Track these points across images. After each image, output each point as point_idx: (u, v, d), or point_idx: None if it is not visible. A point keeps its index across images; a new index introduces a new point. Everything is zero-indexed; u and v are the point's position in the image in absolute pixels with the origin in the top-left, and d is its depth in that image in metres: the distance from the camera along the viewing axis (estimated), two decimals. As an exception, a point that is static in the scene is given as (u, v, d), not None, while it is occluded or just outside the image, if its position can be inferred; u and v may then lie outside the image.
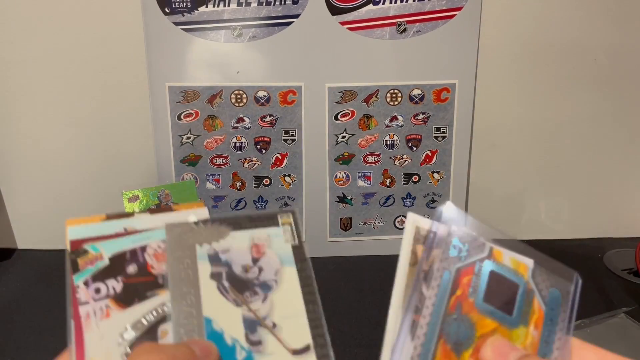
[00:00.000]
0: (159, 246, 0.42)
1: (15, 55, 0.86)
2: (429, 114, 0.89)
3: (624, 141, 0.96)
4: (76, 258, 0.40)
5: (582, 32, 0.88)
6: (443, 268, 0.39)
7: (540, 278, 0.41)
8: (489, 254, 0.41)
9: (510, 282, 0.40)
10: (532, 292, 0.40)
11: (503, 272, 0.40)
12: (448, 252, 0.40)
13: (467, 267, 0.40)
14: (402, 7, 0.84)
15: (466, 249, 0.40)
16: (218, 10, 0.82)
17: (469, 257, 0.40)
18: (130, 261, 0.41)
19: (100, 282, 0.39)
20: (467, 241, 0.41)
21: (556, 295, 0.41)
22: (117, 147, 0.92)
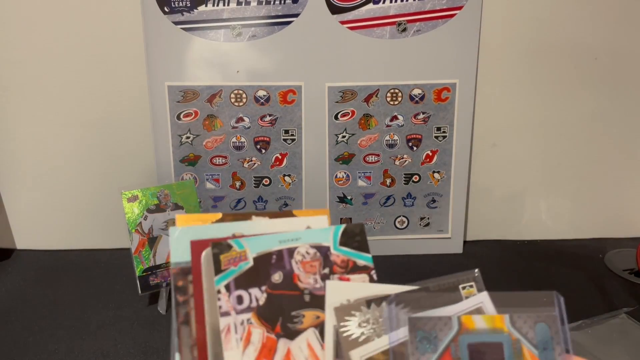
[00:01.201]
0: (307, 252, 0.38)
1: (14, 54, 0.85)
2: (430, 114, 0.89)
3: (625, 141, 0.95)
4: (219, 254, 0.36)
5: (583, 31, 0.88)
6: None
7: (521, 321, 0.38)
8: (459, 328, 0.37)
9: (492, 344, 0.37)
10: (518, 341, 0.38)
11: (481, 339, 0.37)
12: (418, 353, 0.36)
13: (443, 355, 0.37)
14: (402, 6, 0.83)
15: (434, 335, 0.37)
16: (217, 9, 0.82)
17: (441, 341, 0.37)
18: (275, 267, 0.36)
19: (243, 290, 0.35)
20: (432, 326, 0.37)
21: (543, 329, 0.38)
22: (116, 147, 0.91)
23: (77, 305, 0.80)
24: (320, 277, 0.36)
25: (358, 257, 0.38)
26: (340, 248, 0.37)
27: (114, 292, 0.84)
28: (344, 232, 0.38)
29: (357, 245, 0.38)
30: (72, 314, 0.78)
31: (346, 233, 0.38)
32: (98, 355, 0.69)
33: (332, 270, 0.36)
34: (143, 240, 0.78)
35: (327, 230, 0.37)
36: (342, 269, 0.37)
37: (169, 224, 0.79)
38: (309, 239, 0.37)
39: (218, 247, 0.36)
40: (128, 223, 0.77)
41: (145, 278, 0.77)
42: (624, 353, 0.67)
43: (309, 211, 0.43)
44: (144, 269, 0.77)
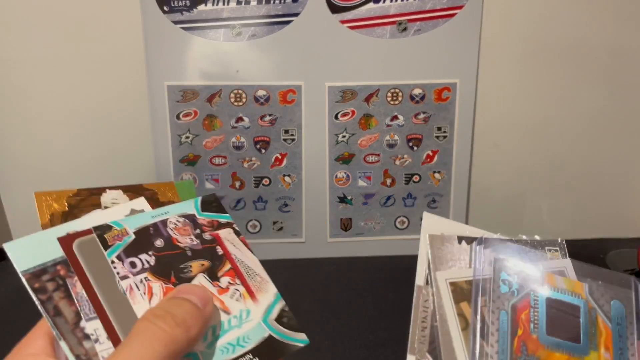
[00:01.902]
0: (177, 220, 0.43)
1: (13, 54, 0.85)
2: (430, 114, 0.89)
3: (627, 141, 0.95)
4: (102, 234, 0.41)
5: (585, 30, 0.87)
6: (498, 309, 0.37)
7: (598, 293, 0.39)
8: (542, 280, 0.39)
9: (570, 305, 0.38)
10: (594, 310, 0.38)
11: (560, 297, 0.38)
12: (499, 290, 0.37)
13: (523, 301, 0.37)
14: (402, 5, 0.83)
15: (516, 280, 0.38)
16: (217, 8, 0.82)
17: (521, 289, 0.38)
18: (155, 235, 0.42)
19: (134, 257, 0.40)
20: (516, 272, 0.39)
21: (619, 307, 0.39)
22: (115, 146, 0.91)
23: (76, 305, 0.80)
24: (194, 236, 0.43)
25: (220, 217, 0.45)
26: (204, 213, 0.44)
27: (113, 292, 0.83)
28: (202, 202, 0.45)
29: (216, 209, 0.45)
30: (71, 314, 0.78)
31: (204, 203, 0.45)
32: (97, 356, 0.69)
33: (202, 229, 0.43)
34: (142, 240, 0.78)
35: (189, 203, 0.45)
36: (210, 228, 0.44)
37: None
38: (175, 211, 0.44)
39: (100, 229, 0.41)
40: (127, 223, 0.77)
41: (144, 278, 0.77)
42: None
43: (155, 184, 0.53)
44: (143, 269, 0.77)
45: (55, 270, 0.40)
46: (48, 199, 0.49)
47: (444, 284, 0.39)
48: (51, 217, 0.48)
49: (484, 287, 0.38)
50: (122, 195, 0.51)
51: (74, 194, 0.49)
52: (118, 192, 0.51)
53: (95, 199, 0.50)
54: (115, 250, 0.40)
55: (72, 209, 0.49)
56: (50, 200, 0.49)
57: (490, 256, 0.39)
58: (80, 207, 0.49)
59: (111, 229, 0.42)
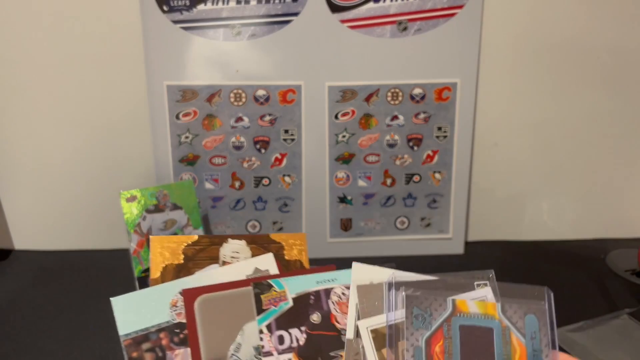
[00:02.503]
0: (343, 293, 0.39)
1: (12, 54, 0.85)
2: (430, 113, 0.89)
3: (627, 141, 0.95)
4: (260, 293, 0.37)
5: (585, 30, 0.87)
6: (412, 346, 0.37)
7: (511, 310, 0.39)
8: (453, 309, 0.39)
9: (483, 329, 0.39)
10: (508, 328, 0.39)
11: (473, 322, 0.39)
12: (412, 327, 0.38)
13: (436, 334, 0.38)
14: (403, 5, 0.83)
15: (429, 313, 0.38)
16: (217, 8, 0.82)
17: (434, 320, 0.38)
18: (314, 307, 0.38)
19: (284, 330, 0.36)
20: (428, 305, 0.39)
21: (533, 320, 0.39)
22: (115, 146, 0.91)
23: (76, 306, 0.80)
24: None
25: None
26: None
27: (113, 292, 0.83)
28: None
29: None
30: (71, 314, 0.78)
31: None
32: (97, 355, 0.69)
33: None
34: (142, 240, 0.77)
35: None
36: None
37: (168, 224, 0.79)
38: (344, 280, 0.39)
39: (259, 287, 0.37)
40: (127, 223, 0.77)
41: (144, 279, 0.77)
42: (626, 354, 0.66)
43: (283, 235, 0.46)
44: (142, 269, 0.77)
45: (158, 338, 0.37)
46: (165, 245, 0.45)
47: (366, 332, 0.39)
48: (163, 270, 0.45)
49: (397, 329, 0.38)
50: (245, 247, 0.47)
51: (193, 241, 0.46)
52: (241, 243, 0.47)
53: (214, 250, 0.46)
54: (268, 316, 0.36)
55: (187, 262, 0.45)
56: (166, 249, 0.45)
57: (402, 295, 0.39)
58: (196, 259, 0.46)
59: (270, 289, 0.38)
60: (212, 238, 0.47)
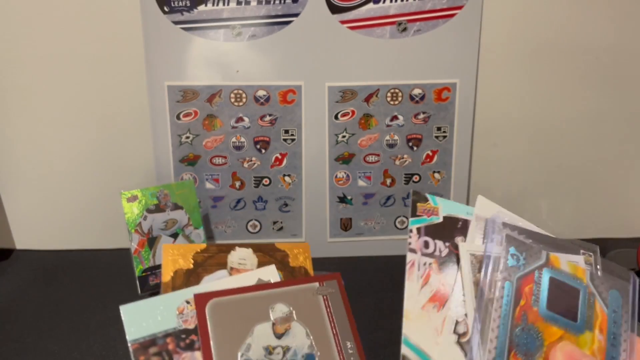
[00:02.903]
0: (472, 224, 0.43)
1: (13, 54, 0.85)
2: (430, 114, 0.89)
3: (626, 141, 0.95)
4: (416, 201, 0.43)
5: (584, 30, 0.87)
6: (504, 279, 0.39)
7: (599, 281, 0.41)
8: (546, 261, 0.41)
9: (571, 287, 0.40)
10: (593, 295, 0.40)
11: (562, 278, 0.40)
12: (507, 263, 0.40)
13: (527, 276, 0.40)
14: (402, 5, 0.83)
15: (523, 257, 0.41)
16: (217, 9, 0.82)
17: (527, 265, 0.40)
18: (459, 231, 0.42)
19: (431, 238, 0.41)
20: (524, 249, 0.41)
21: (616, 296, 0.41)
22: (116, 147, 0.91)
23: (77, 305, 0.80)
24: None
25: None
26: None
27: (114, 292, 0.84)
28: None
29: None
30: (72, 314, 0.78)
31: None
32: (98, 355, 0.69)
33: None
34: (142, 240, 0.78)
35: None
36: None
37: (169, 224, 0.79)
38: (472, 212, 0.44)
39: (417, 195, 0.43)
40: (127, 223, 0.77)
41: (144, 278, 0.77)
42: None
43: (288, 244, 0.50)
44: (143, 269, 0.77)
45: (165, 343, 0.39)
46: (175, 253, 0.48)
47: (466, 254, 0.41)
48: (174, 274, 0.47)
49: (494, 260, 0.41)
50: (251, 255, 0.50)
51: (202, 249, 0.49)
52: (248, 251, 0.51)
53: (223, 257, 0.49)
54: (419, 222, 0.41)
55: (196, 268, 0.48)
56: (177, 255, 0.48)
57: (502, 232, 0.42)
58: (205, 265, 0.48)
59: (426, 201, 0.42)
60: (220, 246, 0.49)
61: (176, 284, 0.47)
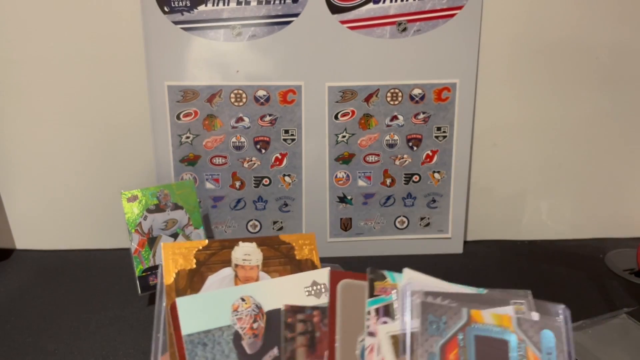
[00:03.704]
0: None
1: (14, 54, 0.85)
2: (430, 114, 0.89)
3: (626, 141, 0.95)
4: (374, 280, 0.41)
5: (584, 31, 0.88)
6: (427, 352, 0.38)
7: (528, 324, 0.39)
8: (468, 319, 0.39)
9: (498, 340, 0.38)
10: (524, 342, 0.39)
11: (488, 333, 0.39)
12: (427, 333, 0.38)
13: (450, 342, 0.38)
14: (402, 6, 0.83)
15: (443, 321, 0.39)
16: (217, 9, 0.82)
17: (448, 329, 0.39)
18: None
19: (389, 318, 0.40)
20: (442, 313, 0.39)
21: (549, 336, 0.39)
22: (116, 147, 0.91)
23: (77, 305, 0.80)
24: None
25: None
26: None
27: (114, 292, 0.84)
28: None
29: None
30: (72, 314, 0.78)
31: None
32: (98, 355, 0.69)
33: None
34: (143, 240, 0.78)
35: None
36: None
37: (169, 224, 0.79)
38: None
39: (374, 274, 0.42)
40: (128, 223, 0.77)
41: (145, 278, 0.77)
42: (625, 353, 0.67)
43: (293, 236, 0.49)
44: (143, 269, 0.77)
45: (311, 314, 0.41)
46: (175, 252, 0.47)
47: (385, 338, 0.40)
48: (177, 276, 0.46)
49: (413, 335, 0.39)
50: (256, 250, 0.49)
51: (204, 246, 0.48)
52: (252, 246, 0.49)
53: (226, 254, 0.48)
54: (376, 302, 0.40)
55: (199, 267, 0.47)
56: (177, 254, 0.47)
57: (417, 300, 0.39)
58: (209, 263, 0.47)
59: (384, 279, 0.42)
60: (223, 242, 0.48)
61: (180, 285, 0.46)
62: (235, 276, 0.48)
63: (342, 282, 0.42)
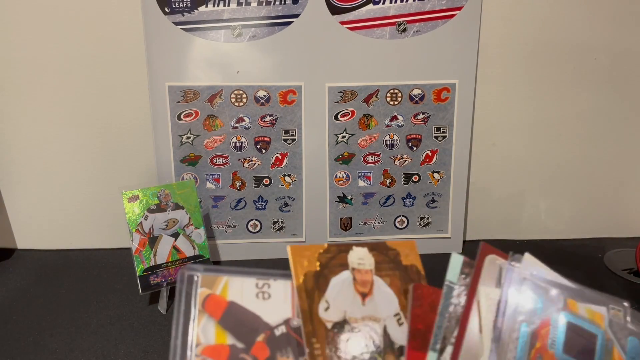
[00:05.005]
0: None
1: (15, 54, 0.85)
2: (429, 114, 0.89)
3: (624, 141, 0.96)
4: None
5: (583, 31, 0.88)
6: (521, 321, 0.39)
7: (617, 327, 0.41)
8: (564, 305, 0.41)
9: (588, 332, 0.40)
10: (611, 341, 0.40)
11: (580, 323, 0.40)
12: (524, 306, 0.40)
13: (544, 319, 0.40)
14: (402, 6, 0.84)
15: (541, 300, 0.41)
16: (218, 10, 0.82)
17: (544, 309, 0.40)
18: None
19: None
20: (542, 293, 0.41)
21: (636, 344, 0.40)
22: (117, 147, 0.92)
23: (78, 304, 0.81)
24: None
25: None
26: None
27: (115, 291, 0.84)
28: None
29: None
30: (73, 313, 0.78)
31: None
32: (98, 354, 0.70)
33: None
34: (144, 240, 0.78)
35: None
36: None
37: (169, 224, 0.80)
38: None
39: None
40: (129, 223, 0.78)
41: (145, 278, 0.78)
42: (624, 352, 0.67)
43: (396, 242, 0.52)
44: (144, 268, 0.78)
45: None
46: (301, 255, 0.50)
47: (484, 298, 0.42)
48: (305, 277, 0.50)
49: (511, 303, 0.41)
50: (368, 254, 0.53)
51: (324, 250, 0.51)
52: (364, 251, 0.53)
53: (343, 257, 0.52)
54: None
55: (322, 269, 0.51)
56: (302, 257, 0.51)
57: (520, 275, 0.41)
58: (330, 266, 0.51)
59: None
60: (339, 246, 0.52)
61: (308, 286, 0.50)
62: (353, 279, 0.52)
63: (489, 257, 0.45)
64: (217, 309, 0.49)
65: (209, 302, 0.50)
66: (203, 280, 0.51)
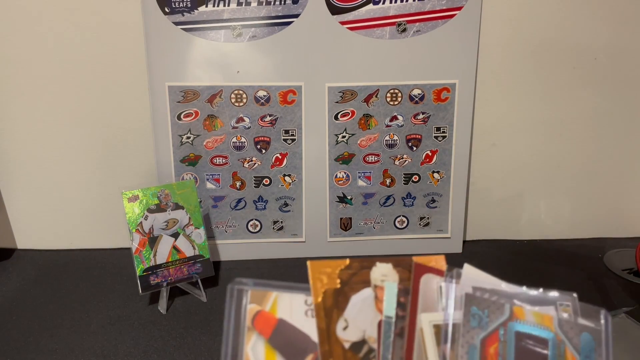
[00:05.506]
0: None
1: (15, 54, 0.86)
2: (429, 114, 0.89)
3: (624, 141, 0.96)
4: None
5: (583, 31, 0.88)
6: (467, 343, 0.38)
7: (568, 326, 0.40)
8: (510, 315, 0.40)
9: (538, 338, 0.39)
10: (563, 343, 0.39)
11: (529, 330, 0.39)
12: (469, 325, 0.39)
13: (491, 335, 0.39)
14: (402, 6, 0.84)
15: (486, 314, 0.40)
16: (218, 10, 0.82)
17: (490, 323, 0.39)
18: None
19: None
20: (486, 306, 0.40)
21: (589, 340, 0.39)
22: (117, 147, 0.92)
23: (78, 304, 0.81)
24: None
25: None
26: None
27: (115, 291, 0.84)
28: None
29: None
30: (73, 313, 0.78)
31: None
32: (98, 354, 0.70)
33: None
34: (144, 240, 0.78)
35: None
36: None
37: (169, 224, 0.80)
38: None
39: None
40: (129, 223, 0.78)
41: (145, 277, 0.78)
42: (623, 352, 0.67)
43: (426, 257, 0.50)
44: (144, 268, 0.78)
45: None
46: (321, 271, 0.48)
47: (428, 327, 0.41)
48: (324, 295, 0.48)
49: (455, 326, 0.39)
50: (392, 271, 0.50)
51: (345, 266, 0.49)
52: (388, 267, 0.50)
53: (366, 274, 0.49)
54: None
55: (343, 286, 0.48)
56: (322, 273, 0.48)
57: (461, 292, 0.40)
58: (351, 283, 0.49)
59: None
60: (362, 262, 0.49)
61: (327, 304, 0.48)
62: (375, 297, 0.49)
63: (424, 277, 0.44)
64: (267, 327, 0.48)
65: (259, 319, 0.48)
66: (252, 295, 0.48)
